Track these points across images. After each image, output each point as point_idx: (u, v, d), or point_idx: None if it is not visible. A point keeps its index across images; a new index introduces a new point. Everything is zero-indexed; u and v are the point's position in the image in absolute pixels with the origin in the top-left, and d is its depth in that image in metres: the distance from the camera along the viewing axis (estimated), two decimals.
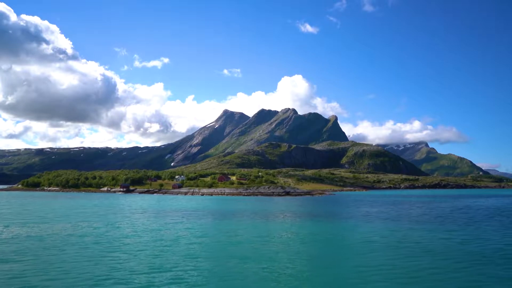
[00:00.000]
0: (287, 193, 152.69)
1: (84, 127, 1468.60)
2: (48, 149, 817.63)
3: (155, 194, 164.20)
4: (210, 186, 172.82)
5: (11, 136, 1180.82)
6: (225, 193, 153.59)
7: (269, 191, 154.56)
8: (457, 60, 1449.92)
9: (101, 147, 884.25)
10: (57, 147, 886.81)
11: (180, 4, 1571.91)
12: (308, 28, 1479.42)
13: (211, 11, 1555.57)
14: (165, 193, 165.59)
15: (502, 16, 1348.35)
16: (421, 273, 22.55)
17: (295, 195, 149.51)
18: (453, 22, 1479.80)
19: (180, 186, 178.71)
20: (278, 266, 24.39)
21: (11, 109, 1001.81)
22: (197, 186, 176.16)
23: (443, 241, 33.84)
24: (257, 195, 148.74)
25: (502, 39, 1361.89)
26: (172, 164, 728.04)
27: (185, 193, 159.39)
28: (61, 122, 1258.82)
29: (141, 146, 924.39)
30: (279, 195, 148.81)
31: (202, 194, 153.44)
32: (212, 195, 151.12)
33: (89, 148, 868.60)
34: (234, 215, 61.10)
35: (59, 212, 65.29)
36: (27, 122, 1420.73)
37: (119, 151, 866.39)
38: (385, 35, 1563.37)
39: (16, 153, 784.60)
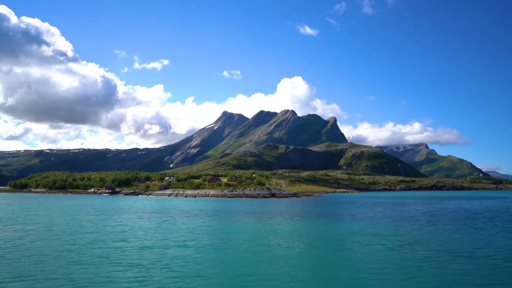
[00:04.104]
0: (273, 195, 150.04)
1: (84, 128, 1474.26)
2: (47, 151, 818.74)
3: (140, 195, 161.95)
4: (197, 187, 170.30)
5: (11, 137, 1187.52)
6: (209, 195, 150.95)
7: (254, 193, 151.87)
8: (457, 62, 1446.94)
9: (100, 149, 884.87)
10: (57, 148, 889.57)
11: (180, 6, 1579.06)
12: (308, 30, 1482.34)
13: (210, 13, 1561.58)
14: (150, 194, 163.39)
15: (502, 17, 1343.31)
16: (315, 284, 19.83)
17: (281, 197, 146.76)
18: (452, 24, 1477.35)
19: (166, 188, 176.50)
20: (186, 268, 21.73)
21: (11, 110, 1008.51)
22: (183, 187, 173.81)
23: (376, 247, 30.89)
24: (242, 197, 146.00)
25: (502, 40, 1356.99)
26: (171, 165, 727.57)
27: (169, 195, 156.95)
28: (61, 123, 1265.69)
29: (141, 147, 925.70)
30: (264, 196, 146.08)
31: (186, 196, 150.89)
32: (196, 196, 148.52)
33: (89, 149, 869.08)
34: (187, 215, 58.35)
35: (7, 215, 62.80)
36: (27, 124, 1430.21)
37: (119, 152, 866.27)
38: (384, 37, 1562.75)
39: (16, 154, 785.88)
